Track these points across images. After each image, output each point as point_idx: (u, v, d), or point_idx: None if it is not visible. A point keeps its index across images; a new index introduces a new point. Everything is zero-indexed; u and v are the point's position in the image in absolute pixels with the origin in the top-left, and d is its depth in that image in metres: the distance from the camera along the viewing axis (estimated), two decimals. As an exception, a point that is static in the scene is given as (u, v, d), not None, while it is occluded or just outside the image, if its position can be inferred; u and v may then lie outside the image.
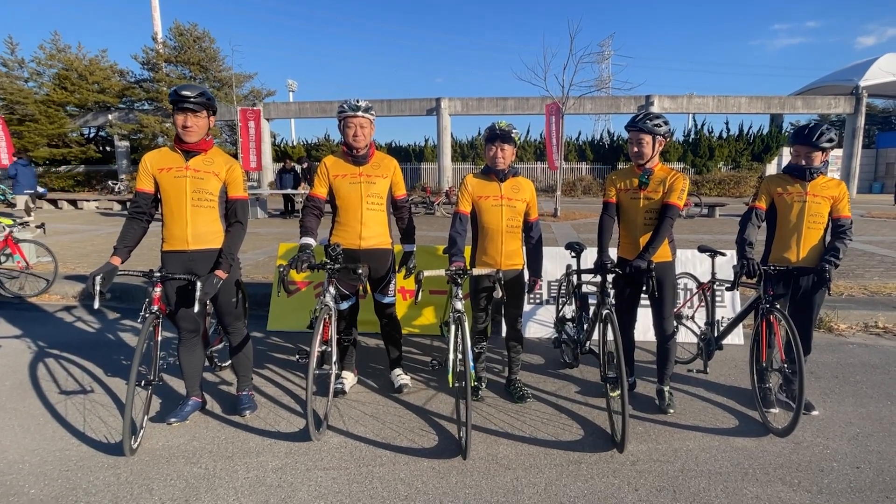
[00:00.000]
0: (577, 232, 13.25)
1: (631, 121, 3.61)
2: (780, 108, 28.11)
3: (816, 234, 3.57)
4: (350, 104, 3.60)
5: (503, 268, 3.69)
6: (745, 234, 3.66)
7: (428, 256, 5.45)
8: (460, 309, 3.33)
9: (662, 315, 3.69)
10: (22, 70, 29.80)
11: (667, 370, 3.80)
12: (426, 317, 5.56)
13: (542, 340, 5.30)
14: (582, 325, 4.20)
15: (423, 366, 4.60)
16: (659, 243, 3.49)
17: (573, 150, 29.58)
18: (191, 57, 29.06)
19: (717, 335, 4.21)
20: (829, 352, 4.92)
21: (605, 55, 44.39)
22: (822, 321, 5.56)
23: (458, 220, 3.72)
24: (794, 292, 3.68)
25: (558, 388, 4.16)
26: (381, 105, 27.65)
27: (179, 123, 3.17)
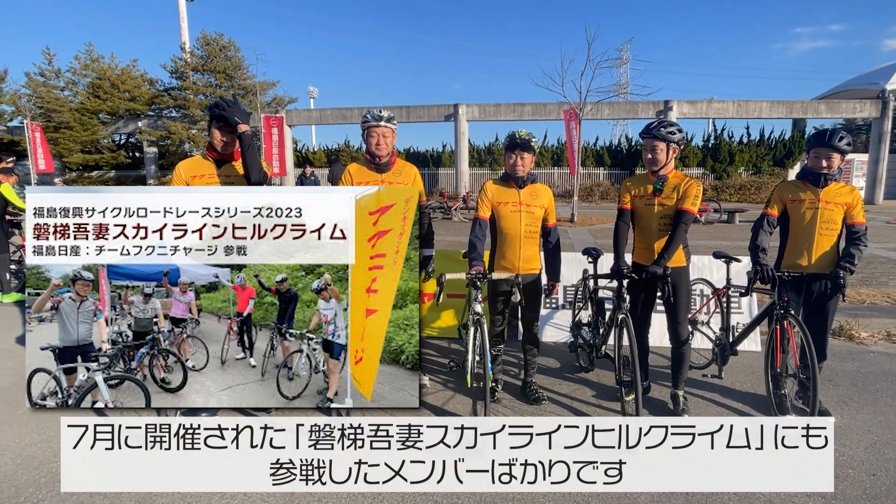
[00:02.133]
0: (594, 237, 13.33)
1: (645, 128, 3.71)
2: (803, 112, 27.76)
3: (829, 241, 3.61)
4: (373, 114, 3.76)
5: (521, 272, 3.80)
6: (758, 240, 3.73)
7: (447, 261, 5.58)
8: (479, 312, 3.45)
9: (677, 320, 3.77)
10: (58, 80, 30.84)
11: (681, 374, 3.88)
12: (444, 319, 5.71)
13: (557, 344, 5.43)
14: (598, 329, 4.32)
15: (442, 367, 4.74)
16: (674, 249, 3.56)
17: (591, 156, 29.58)
18: (217, 65, 29.75)
19: (731, 340, 4.28)
20: (849, 360, 4.93)
21: (623, 60, 44.22)
22: (844, 329, 5.55)
23: (478, 225, 3.82)
24: (808, 298, 3.71)
25: (573, 390, 4.28)
26: (400, 111, 27.96)
27: (217, 137, 3.38)
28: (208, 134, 3.45)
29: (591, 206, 25.10)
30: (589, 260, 4.62)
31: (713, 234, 13.54)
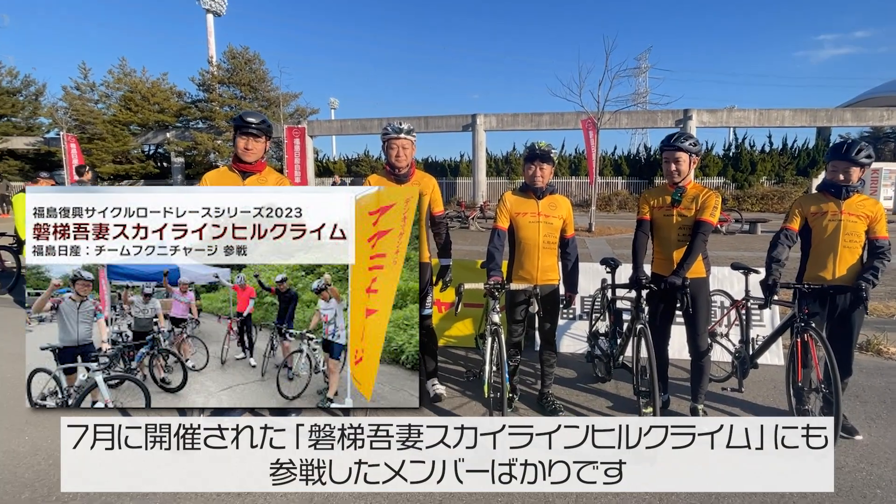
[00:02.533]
0: (611, 248, 13.21)
1: (666, 140, 3.69)
2: (828, 120, 27.28)
3: (852, 254, 3.54)
4: (393, 126, 3.82)
5: (539, 283, 3.78)
6: (774, 252, 3.66)
7: (464, 270, 5.55)
8: (497, 322, 3.44)
9: (697, 332, 3.71)
10: (93, 93, 32.05)
11: (701, 388, 3.81)
12: (461, 328, 5.70)
13: (574, 355, 5.35)
14: (615, 339, 4.26)
15: (458, 376, 4.71)
16: (693, 260, 3.53)
17: (609, 165, 29.39)
18: (242, 78, 30.52)
19: (752, 353, 4.18)
20: (877, 375, 4.76)
21: (641, 69, 44.04)
22: (871, 343, 5.40)
23: (497, 235, 3.82)
24: (832, 311, 3.63)
25: (590, 401, 4.22)
26: (418, 121, 28.18)
27: (241, 146, 3.45)
28: (233, 145, 3.53)
29: (609, 215, 24.87)
30: (607, 270, 4.58)
31: (734, 245, 13.33)
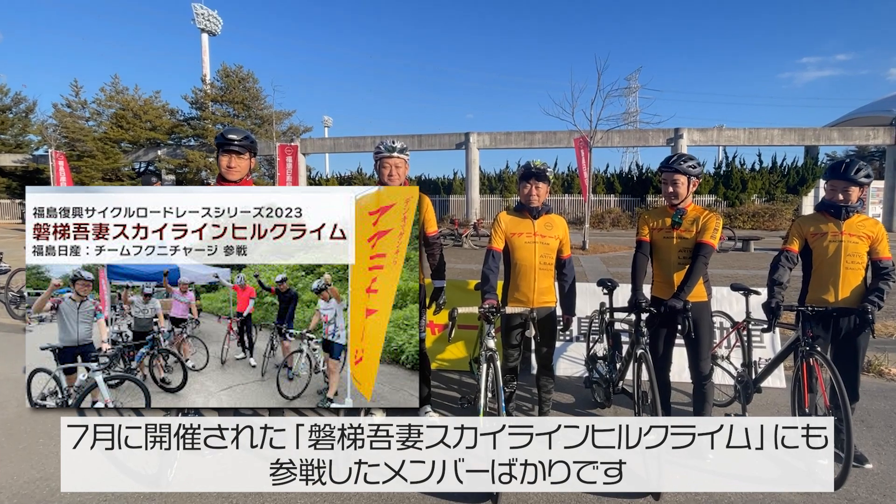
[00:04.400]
0: (606, 265, 13.26)
1: (665, 162, 3.62)
2: (816, 139, 27.74)
3: (855, 275, 3.47)
4: (386, 145, 3.77)
5: (536, 305, 3.69)
6: (775, 275, 3.59)
7: (458, 291, 5.44)
8: (492, 347, 3.33)
9: (699, 356, 3.61)
10: (84, 110, 32.04)
11: (704, 413, 3.67)
12: (455, 351, 5.53)
13: (571, 378, 5.19)
14: (614, 363, 4.17)
15: (452, 402, 4.57)
16: (693, 283, 3.44)
17: (601, 183, 29.66)
18: (235, 96, 30.69)
19: (755, 377, 4.11)
20: (880, 398, 4.63)
21: (632, 88, 44.69)
22: (872, 365, 5.29)
23: (491, 256, 3.70)
24: (836, 335, 3.55)
25: None
26: (411, 139, 28.35)
27: (224, 164, 3.36)
28: (217, 162, 3.47)
29: (603, 233, 25.04)
30: (604, 291, 4.47)
31: (728, 263, 13.38)
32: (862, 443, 3.72)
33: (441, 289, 4.08)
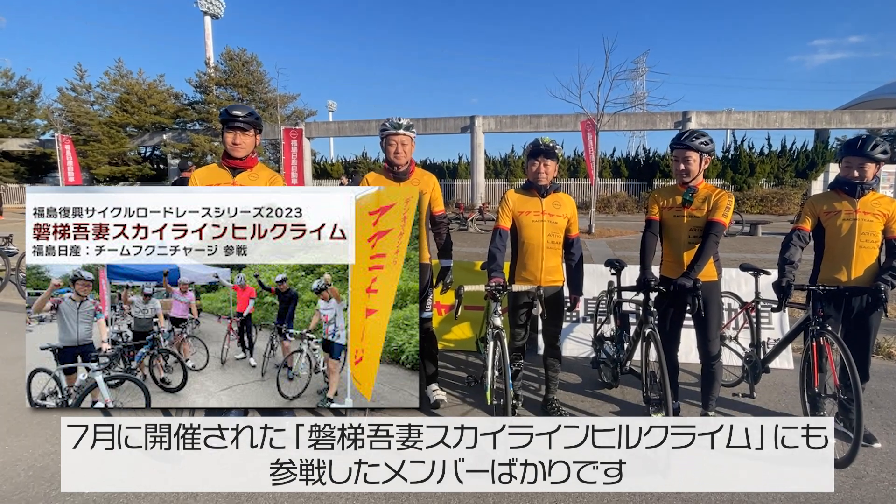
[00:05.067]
0: (612, 249, 13.21)
1: (676, 138, 3.58)
2: (826, 122, 27.37)
3: (869, 254, 3.42)
4: (392, 122, 3.74)
5: (543, 284, 3.67)
6: (787, 254, 3.54)
7: (464, 272, 5.47)
8: (499, 325, 3.33)
9: (708, 336, 3.59)
10: (89, 94, 32.02)
11: (712, 394, 3.68)
12: (461, 332, 5.57)
13: (577, 359, 5.21)
14: (622, 343, 4.17)
15: (459, 381, 4.61)
16: (704, 261, 3.41)
17: (608, 167, 29.42)
18: (239, 80, 30.59)
19: (763, 357, 4.10)
20: (890, 379, 4.66)
21: (640, 71, 44.13)
22: (882, 346, 5.29)
23: (498, 235, 3.70)
24: (847, 314, 3.52)
25: (597, 408, 4.12)
26: (417, 123, 27.81)
27: (229, 141, 3.36)
28: (222, 141, 3.45)
29: (609, 217, 24.91)
30: (612, 272, 4.45)
31: (736, 247, 13.30)
32: (871, 423, 3.73)
33: (448, 268, 4.05)
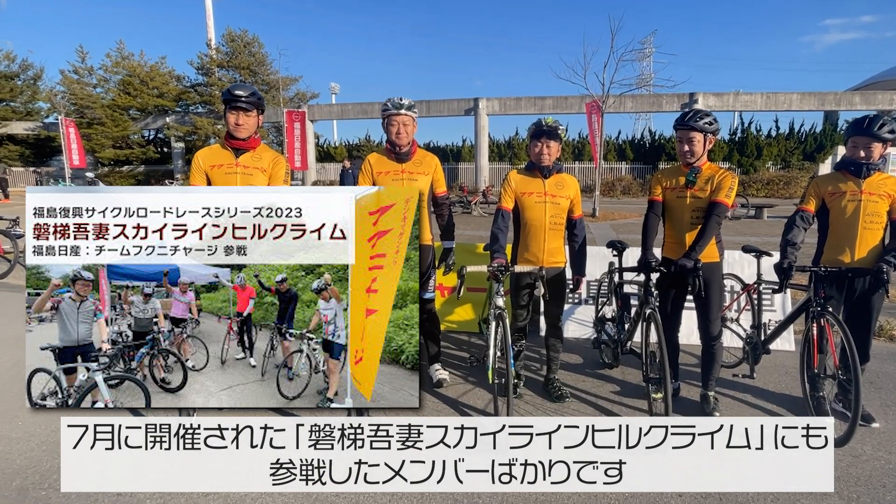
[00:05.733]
0: (616, 232, 13.18)
1: (680, 118, 3.56)
2: (836, 104, 26.96)
3: (874, 235, 3.41)
4: (394, 102, 3.68)
5: (545, 265, 3.68)
6: (789, 235, 3.54)
7: (467, 254, 5.50)
8: (501, 306, 3.36)
9: (709, 318, 3.63)
10: (91, 77, 31.83)
11: (712, 374, 3.74)
12: (463, 313, 5.65)
13: (579, 340, 5.32)
14: (623, 324, 4.22)
15: (461, 361, 4.69)
16: (706, 242, 3.41)
17: (613, 150, 29.16)
18: (241, 62, 30.35)
19: (764, 339, 4.13)
20: (891, 361, 4.72)
21: (646, 53, 43.43)
22: (884, 329, 5.36)
23: (501, 216, 3.71)
24: (849, 295, 3.53)
25: (597, 388, 4.19)
26: (420, 105, 27.52)
27: (232, 121, 3.34)
28: (224, 121, 3.42)
29: (613, 200, 24.80)
30: (614, 253, 4.48)
31: (741, 231, 13.25)
32: (870, 403, 3.81)
33: (450, 250, 4.06)
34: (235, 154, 3.42)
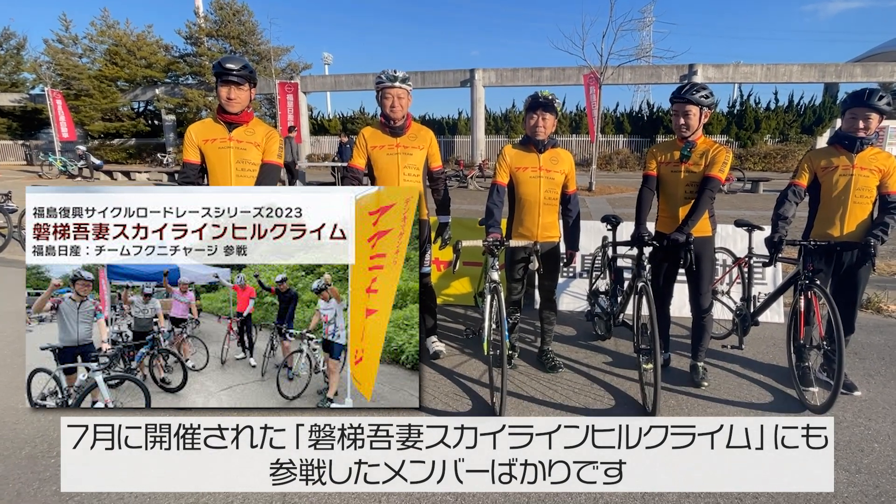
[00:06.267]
0: (612, 206, 13.16)
1: (676, 92, 3.54)
2: (836, 76, 26.65)
3: (863, 210, 3.45)
4: (388, 75, 3.63)
5: (540, 240, 3.69)
6: (781, 210, 3.58)
7: (463, 229, 5.52)
8: (496, 279, 3.36)
9: (700, 291, 3.67)
10: (76, 46, 30.97)
11: (702, 345, 3.82)
12: (459, 286, 5.71)
13: (573, 313, 5.40)
14: (616, 297, 4.26)
15: (457, 334, 4.75)
16: (698, 217, 3.43)
17: (610, 123, 28.89)
18: (231, 31, 29.58)
19: (753, 311, 4.19)
20: (876, 333, 4.83)
21: (646, 22, 42.74)
22: (871, 301, 5.46)
23: (496, 191, 3.70)
24: (837, 268, 3.59)
25: (590, 358, 4.26)
26: (415, 76, 27.33)
27: (224, 95, 3.26)
28: (216, 95, 3.33)
29: (610, 174, 24.68)
30: (608, 227, 4.51)
31: (736, 204, 13.26)
32: (853, 373, 3.92)
33: (446, 224, 4.05)
34: (228, 128, 3.34)
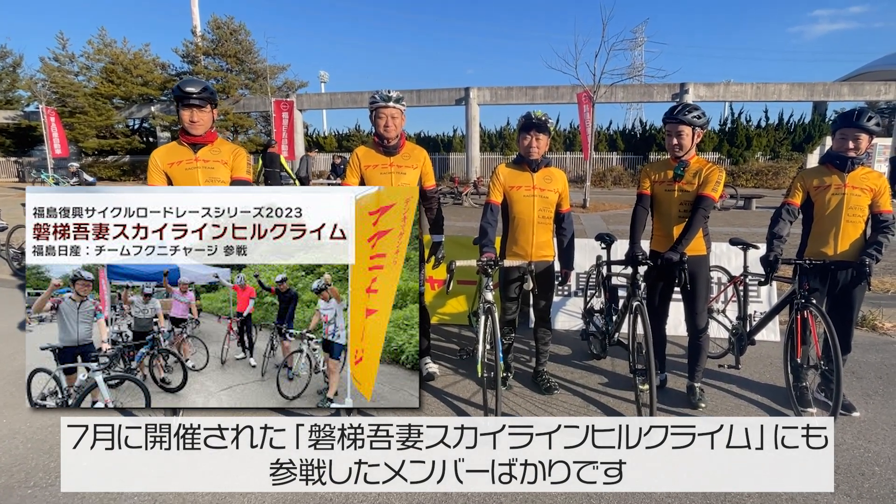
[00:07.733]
0: (606, 223, 13.21)
1: (669, 112, 3.59)
2: (825, 95, 27.08)
3: (856, 228, 3.49)
4: (381, 94, 3.67)
5: (534, 259, 3.72)
6: (775, 228, 3.62)
7: (457, 247, 5.52)
8: (490, 300, 3.39)
9: (695, 310, 3.67)
10: (72, 64, 31.12)
11: (698, 366, 3.80)
12: (454, 306, 5.68)
13: (569, 332, 5.38)
14: (611, 316, 4.26)
15: (451, 354, 4.73)
16: (692, 236, 3.46)
17: (604, 140, 29.17)
18: (227, 49, 29.84)
19: (749, 330, 4.20)
20: (872, 351, 4.82)
21: (638, 42, 43.30)
22: (867, 319, 5.46)
23: (489, 210, 3.73)
24: (832, 287, 3.60)
25: (585, 379, 4.25)
26: (410, 95, 27.74)
27: (186, 119, 3.28)
28: (178, 118, 3.35)
29: (604, 191, 24.84)
30: (602, 246, 4.53)
31: (729, 221, 13.36)
32: (851, 393, 3.89)
33: (439, 243, 4.07)
34: (193, 149, 3.35)
